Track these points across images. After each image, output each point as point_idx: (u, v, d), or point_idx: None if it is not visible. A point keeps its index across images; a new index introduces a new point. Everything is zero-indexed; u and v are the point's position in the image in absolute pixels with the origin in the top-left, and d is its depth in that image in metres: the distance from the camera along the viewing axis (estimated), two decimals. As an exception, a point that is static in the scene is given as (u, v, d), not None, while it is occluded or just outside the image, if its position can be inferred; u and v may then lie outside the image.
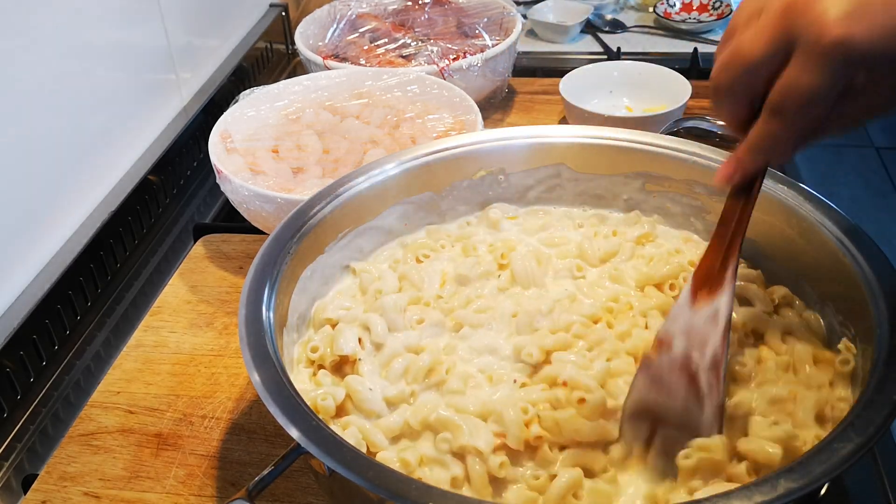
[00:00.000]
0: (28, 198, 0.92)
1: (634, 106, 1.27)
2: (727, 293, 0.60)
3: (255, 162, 0.98)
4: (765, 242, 0.78)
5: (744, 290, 0.74)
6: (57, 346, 0.92)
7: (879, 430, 0.53)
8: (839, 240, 0.69)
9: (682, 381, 0.60)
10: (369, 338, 0.72)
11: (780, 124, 0.54)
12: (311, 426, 0.55)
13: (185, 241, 1.13)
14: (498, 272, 0.80)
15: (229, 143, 1.00)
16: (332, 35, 1.30)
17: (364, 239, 0.82)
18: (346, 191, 0.78)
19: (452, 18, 1.34)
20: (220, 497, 0.71)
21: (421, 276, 0.79)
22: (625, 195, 0.87)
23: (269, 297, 0.66)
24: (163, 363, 0.85)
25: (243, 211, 0.95)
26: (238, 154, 0.99)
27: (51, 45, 0.94)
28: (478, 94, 1.20)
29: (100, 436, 0.78)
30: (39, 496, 0.72)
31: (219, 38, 1.39)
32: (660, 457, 0.61)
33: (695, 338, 0.60)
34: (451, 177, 0.85)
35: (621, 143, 0.84)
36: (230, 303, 0.93)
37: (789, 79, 0.51)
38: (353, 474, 0.52)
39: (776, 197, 0.75)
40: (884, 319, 0.62)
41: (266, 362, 0.60)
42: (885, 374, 0.57)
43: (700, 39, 1.56)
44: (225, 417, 0.79)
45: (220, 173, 0.93)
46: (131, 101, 1.12)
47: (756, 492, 0.50)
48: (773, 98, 0.53)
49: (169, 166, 1.16)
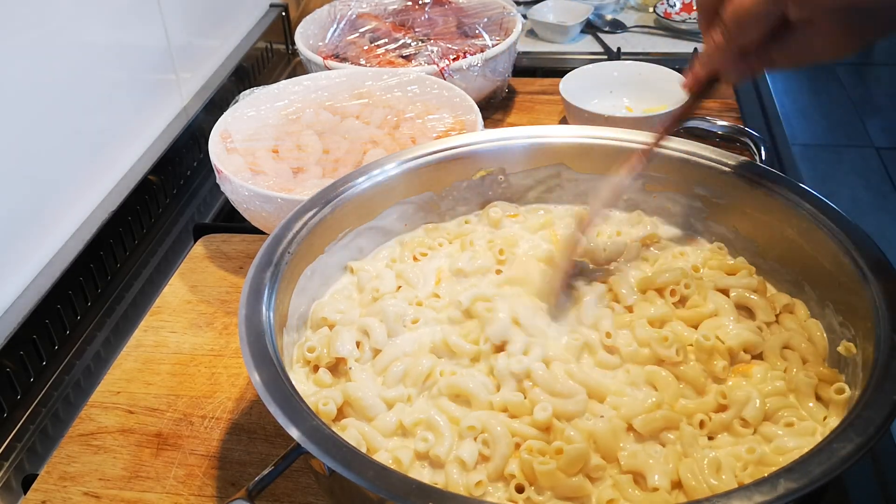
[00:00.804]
0: (28, 198, 0.92)
1: (634, 106, 1.27)
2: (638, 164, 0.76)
3: (255, 162, 0.98)
4: (765, 242, 0.78)
5: (745, 301, 0.74)
6: (57, 346, 0.92)
7: (879, 430, 0.53)
8: (839, 240, 0.69)
9: None
10: (368, 342, 0.72)
11: (721, 37, 0.65)
12: (311, 426, 0.55)
13: (185, 241, 1.13)
14: (497, 266, 0.80)
15: (229, 143, 1.00)
16: (332, 35, 1.30)
17: (364, 239, 0.82)
18: (346, 191, 0.78)
19: (452, 18, 1.34)
20: (220, 497, 0.71)
21: (416, 275, 0.79)
22: (625, 195, 0.87)
23: (269, 297, 0.66)
24: (163, 363, 0.85)
25: (243, 211, 0.95)
26: (238, 154, 0.99)
27: (51, 45, 0.94)
28: (478, 94, 1.20)
29: (100, 436, 0.78)
30: (39, 496, 0.72)
31: (219, 38, 1.39)
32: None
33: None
34: (450, 177, 0.85)
35: (621, 143, 0.84)
36: (230, 303, 0.93)
37: (735, 1, 0.63)
38: (353, 474, 0.52)
39: (776, 197, 0.75)
40: (884, 319, 0.62)
41: (266, 362, 0.60)
42: (885, 374, 0.57)
43: (700, 39, 1.55)
44: (225, 417, 0.79)
45: (220, 173, 0.93)
46: (131, 101, 1.12)
47: (756, 492, 0.50)
48: (721, 15, 0.64)
49: (169, 166, 1.16)
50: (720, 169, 0.79)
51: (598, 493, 0.60)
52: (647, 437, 0.64)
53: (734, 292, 0.74)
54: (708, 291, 0.74)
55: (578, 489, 0.60)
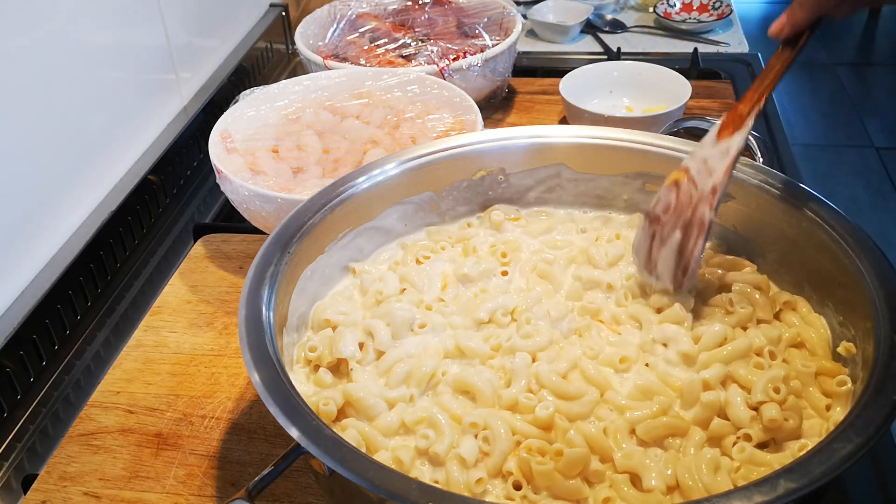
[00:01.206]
0: (28, 198, 0.92)
1: (634, 106, 1.27)
2: (743, 133, 0.71)
3: (255, 162, 0.98)
4: (765, 242, 0.78)
5: (747, 296, 0.74)
6: (57, 346, 0.92)
7: (879, 430, 0.53)
8: (839, 240, 0.69)
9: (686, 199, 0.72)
10: (372, 344, 0.72)
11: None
12: (311, 426, 0.55)
13: (185, 241, 1.13)
14: (501, 268, 0.80)
15: (229, 143, 1.00)
16: (332, 35, 1.30)
17: (364, 239, 0.82)
18: (346, 191, 0.78)
19: (452, 18, 1.34)
20: (220, 497, 0.71)
21: (422, 279, 0.79)
22: (625, 195, 0.87)
23: (269, 297, 0.66)
24: (163, 363, 0.85)
25: (243, 211, 0.95)
26: (238, 154, 0.99)
27: (51, 45, 0.94)
28: (478, 94, 1.20)
29: (100, 436, 0.78)
30: (39, 496, 0.72)
31: (219, 38, 1.39)
32: None
33: (705, 166, 0.72)
34: (451, 177, 0.85)
35: (621, 143, 0.84)
36: (230, 303, 0.93)
37: None
38: (353, 474, 0.52)
39: (776, 197, 0.75)
40: (884, 319, 0.62)
41: (266, 362, 0.60)
42: (885, 374, 0.57)
43: (700, 39, 1.56)
44: (225, 417, 0.79)
45: (220, 173, 0.93)
46: (131, 101, 1.12)
47: (756, 492, 0.50)
48: None
49: (169, 166, 1.16)
50: (720, 169, 0.79)
51: (594, 494, 0.60)
52: (651, 443, 0.64)
53: (736, 286, 0.74)
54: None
55: (575, 491, 0.60)
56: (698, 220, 0.71)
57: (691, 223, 0.72)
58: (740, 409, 0.64)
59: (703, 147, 0.73)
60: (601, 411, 0.66)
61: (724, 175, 0.71)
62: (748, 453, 0.61)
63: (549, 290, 0.78)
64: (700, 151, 0.73)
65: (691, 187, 0.72)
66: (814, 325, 0.72)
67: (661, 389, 0.66)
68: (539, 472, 0.59)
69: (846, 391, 0.65)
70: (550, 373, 0.67)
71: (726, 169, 0.71)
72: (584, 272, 0.79)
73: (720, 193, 0.71)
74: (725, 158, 0.71)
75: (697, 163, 0.73)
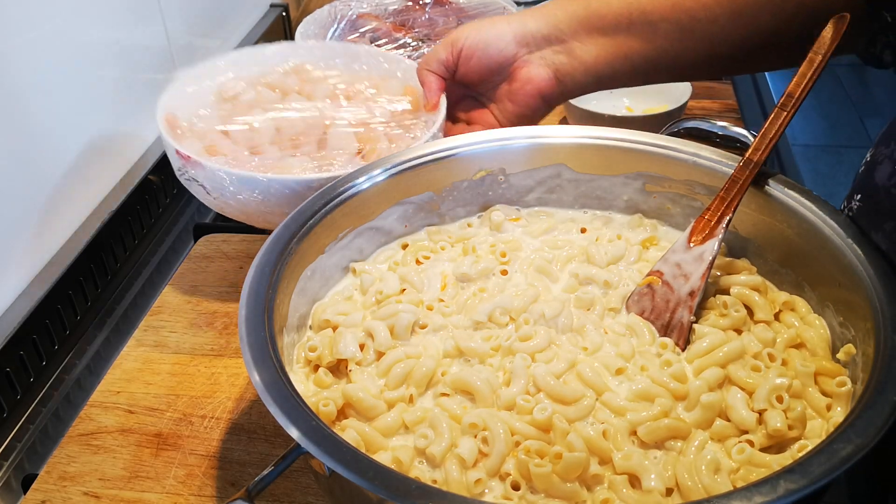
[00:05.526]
0: (28, 198, 0.92)
1: (634, 106, 1.27)
2: (716, 241, 0.73)
3: (213, 144, 0.91)
4: (765, 243, 0.78)
5: (746, 298, 0.74)
6: (57, 346, 0.92)
7: (879, 431, 0.53)
8: (839, 240, 0.69)
9: (663, 303, 0.74)
10: (372, 344, 0.72)
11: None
12: (311, 426, 0.55)
13: (185, 241, 1.13)
14: (500, 267, 0.80)
15: (178, 131, 0.93)
16: (333, 35, 1.30)
17: (364, 239, 0.82)
18: (346, 191, 0.78)
19: (453, 18, 1.34)
20: (220, 497, 0.71)
21: (422, 279, 0.79)
22: (625, 196, 0.87)
23: (269, 297, 0.66)
24: (163, 363, 0.85)
25: (217, 203, 0.87)
26: (192, 138, 0.91)
27: (51, 45, 0.94)
28: (478, 94, 1.20)
29: (100, 436, 0.78)
30: (39, 496, 0.72)
31: (219, 38, 1.39)
32: None
33: (680, 271, 0.74)
34: (450, 177, 0.85)
35: (621, 143, 0.84)
36: (230, 303, 0.93)
37: None
38: (353, 474, 0.52)
39: (776, 197, 0.75)
40: (884, 320, 0.62)
41: (266, 362, 0.60)
42: (885, 375, 0.57)
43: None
44: (225, 417, 0.79)
45: (189, 159, 0.84)
46: (131, 101, 1.12)
47: (756, 493, 0.50)
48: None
49: (169, 166, 1.15)
50: (720, 169, 0.79)
51: (592, 497, 0.60)
52: (651, 445, 0.64)
53: (735, 289, 0.74)
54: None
55: (573, 494, 0.60)
56: (678, 324, 0.73)
57: (670, 326, 0.73)
58: (742, 411, 0.64)
59: (675, 252, 0.75)
60: (600, 414, 0.66)
61: (701, 280, 0.72)
62: (748, 454, 0.61)
63: (546, 284, 0.78)
64: (672, 256, 0.75)
65: (667, 291, 0.74)
66: (813, 326, 0.71)
67: (660, 392, 0.66)
68: (537, 474, 0.59)
69: (846, 392, 0.65)
70: (547, 375, 0.67)
71: (702, 275, 0.72)
72: (582, 269, 0.79)
73: (698, 298, 0.72)
74: (701, 264, 0.73)
75: (671, 267, 0.74)
